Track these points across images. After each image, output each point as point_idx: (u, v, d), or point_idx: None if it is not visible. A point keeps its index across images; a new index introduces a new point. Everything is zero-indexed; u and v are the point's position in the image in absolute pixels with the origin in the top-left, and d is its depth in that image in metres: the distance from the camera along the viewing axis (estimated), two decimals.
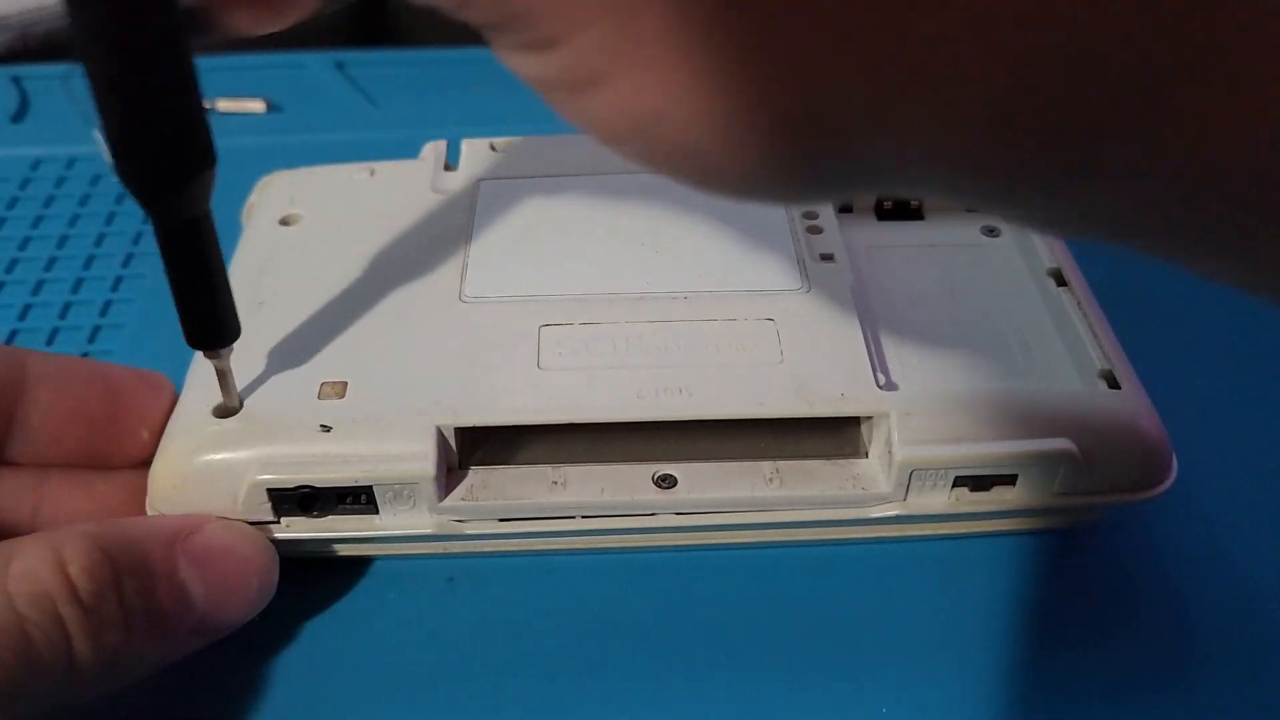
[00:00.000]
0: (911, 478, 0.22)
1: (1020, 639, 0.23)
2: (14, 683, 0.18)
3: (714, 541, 0.24)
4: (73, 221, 0.36)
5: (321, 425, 0.22)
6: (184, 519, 0.21)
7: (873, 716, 0.22)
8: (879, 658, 0.23)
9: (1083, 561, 0.24)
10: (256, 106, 0.41)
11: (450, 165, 0.29)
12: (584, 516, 0.23)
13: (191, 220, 0.20)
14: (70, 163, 0.38)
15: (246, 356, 0.23)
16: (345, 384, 0.23)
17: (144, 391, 0.23)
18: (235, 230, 0.29)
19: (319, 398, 0.22)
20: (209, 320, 0.21)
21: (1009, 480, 0.23)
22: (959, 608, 0.23)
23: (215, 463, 0.21)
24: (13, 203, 0.36)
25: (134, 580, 0.19)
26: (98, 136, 0.38)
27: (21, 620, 0.18)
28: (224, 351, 0.21)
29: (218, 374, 0.22)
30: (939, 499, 0.23)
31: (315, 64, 0.44)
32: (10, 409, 0.22)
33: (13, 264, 0.34)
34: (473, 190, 0.28)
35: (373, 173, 0.29)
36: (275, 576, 0.22)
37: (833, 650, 0.23)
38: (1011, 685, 0.22)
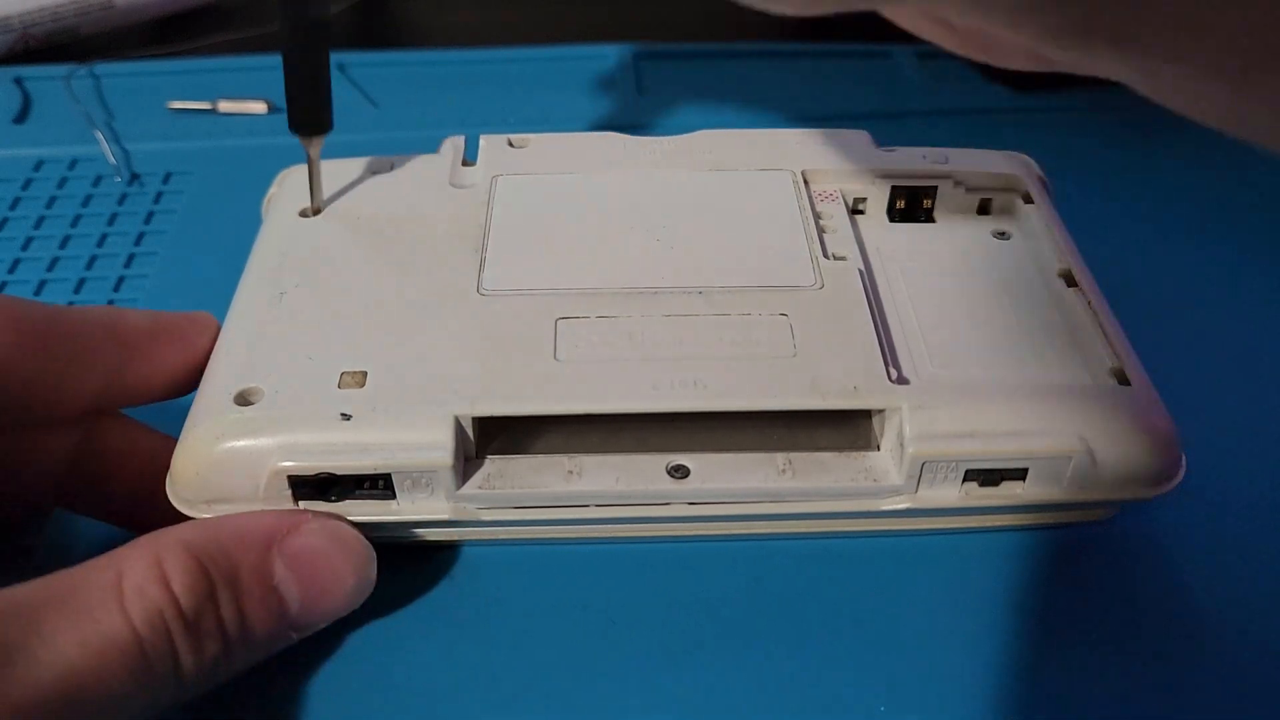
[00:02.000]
0: (922, 470, 0.24)
1: (1028, 635, 0.24)
2: (130, 702, 0.19)
3: (725, 532, 0.26)
4: (75, 222, 0.37)
5: (342, 414, 0.23)
6: (280, 517, 0.23)
7: (879, 708, 0.23)
8: (887, 650, 0.24)
9: (1091, 558, 0.26)
10: (258, 108, 0.43)
11: (468, 160, 0.31)
12: (598, 505, 0.24)
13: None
14: (72, 163, 0.40)
15: (268, 345, 0.25)
16: (365, 374, 0.24)
17: (197, 335, 0.26)
18: (249, 222, 0.31)
19: (339, 387, 0.24)
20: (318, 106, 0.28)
21: (1019, 475, 0.24)
22: (967, 602, 0.25)
23: (237, 450, 0.23)
24: (15, 203, 0.38)
25: (230, 590, 0.21)
26: (99, 137, 0.40)
27: (141, 642, 0.19)
28: (316, 140, 0.29)
29: (311, 162, 0.29)
30: (949, 492, 0.24)
31: None
32: (119, 370, 0.25)
33: (15, 264, 0.36)
34: (490, 185, 0.30)
35: (392, 166, 0.31)
36: (373, 573, 0.23)
37: (841, 642, 0.24)
38: (1018, 681, 0.24)
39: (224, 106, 0.43)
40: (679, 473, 0.24)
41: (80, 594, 0.20)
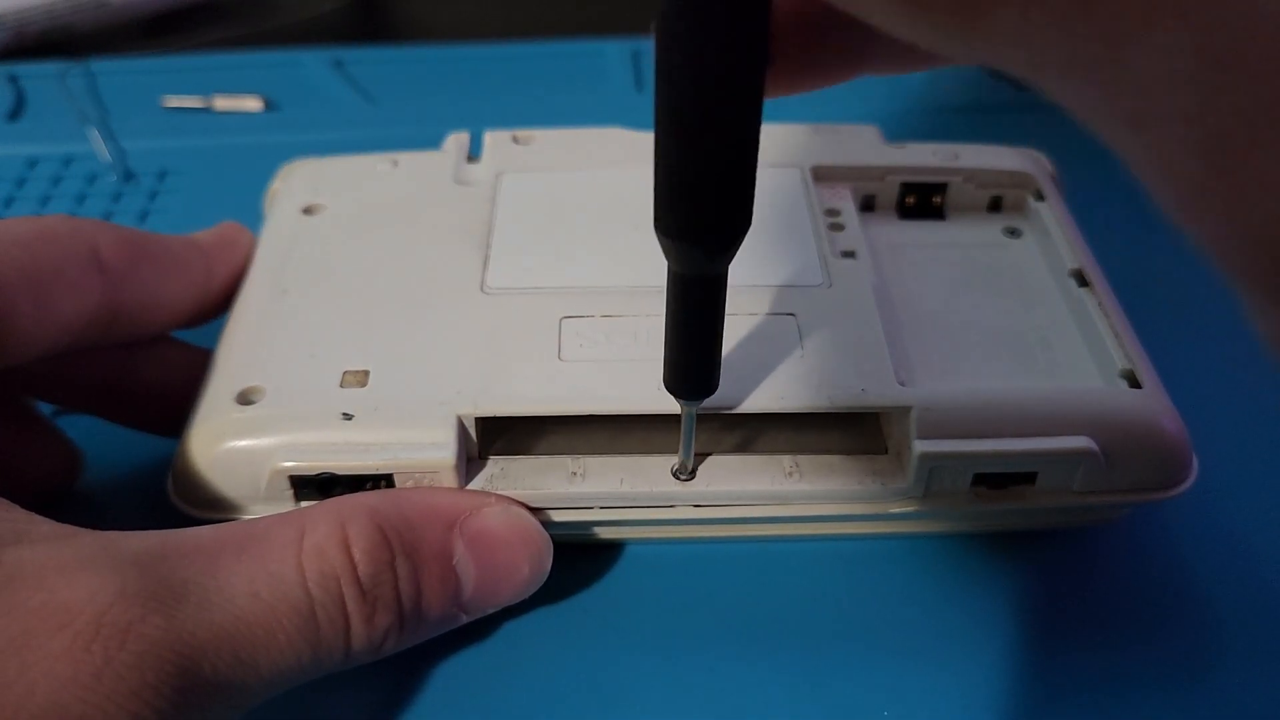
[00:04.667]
0: (930, 473, 0.24)
1: (1038, 638, 0.25)
2: (299, 665, 0.20)
3: (731, 534, 0.27)
4: None
5: (343, 413, 0.24)
6: (463, 498, 0.24)
7: (883, 713, 0.24)
8: (894, 654, 0.25)
9: (1101, 561, 0.27)
10: (254, 105, 0.44)
11: (473, 157, 0.32)
12: (602, 507, 0.25)
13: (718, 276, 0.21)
14: (67, 161, 0.41)
15: (270, 343, 0.26)
16: (367, 373, 0.25)
17: (245, 240, 0.28)
18: (245, 219, 0.31)
19: (341, 386, 0.25)
20: (706, 372, 0.23)
21: (1028, 478, 0.25)
22: (976, 605, 0.26)
23: (239, 449, 0.24)
24: (9, 201, 0.39)
25: (409, 563, 0.21)
26: (94, 135, 0.41)
27: (312, 602, 0.20)
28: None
29: (687, 421, 0.24)
30: (958, 495, 0.25)
31: (313, 62, 0.47)
32: (205, 280, 0.27)
33: None
34: (495, 182, 0.31)
35: (395, 163, 0.32)
36: (548, 565, 0.24)
37: (848, 646, 0.25)
38: (1028, 684, 0.24)
39: (219, 103, 0.44)
40: (684, 474, 0.25)
41: (259, 544, 0.20)
